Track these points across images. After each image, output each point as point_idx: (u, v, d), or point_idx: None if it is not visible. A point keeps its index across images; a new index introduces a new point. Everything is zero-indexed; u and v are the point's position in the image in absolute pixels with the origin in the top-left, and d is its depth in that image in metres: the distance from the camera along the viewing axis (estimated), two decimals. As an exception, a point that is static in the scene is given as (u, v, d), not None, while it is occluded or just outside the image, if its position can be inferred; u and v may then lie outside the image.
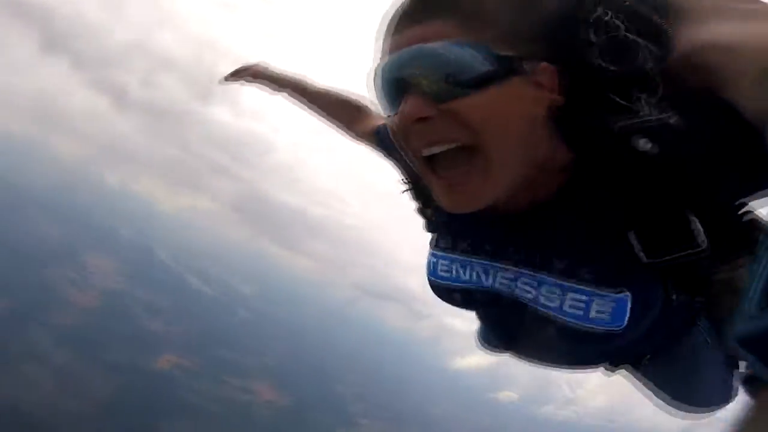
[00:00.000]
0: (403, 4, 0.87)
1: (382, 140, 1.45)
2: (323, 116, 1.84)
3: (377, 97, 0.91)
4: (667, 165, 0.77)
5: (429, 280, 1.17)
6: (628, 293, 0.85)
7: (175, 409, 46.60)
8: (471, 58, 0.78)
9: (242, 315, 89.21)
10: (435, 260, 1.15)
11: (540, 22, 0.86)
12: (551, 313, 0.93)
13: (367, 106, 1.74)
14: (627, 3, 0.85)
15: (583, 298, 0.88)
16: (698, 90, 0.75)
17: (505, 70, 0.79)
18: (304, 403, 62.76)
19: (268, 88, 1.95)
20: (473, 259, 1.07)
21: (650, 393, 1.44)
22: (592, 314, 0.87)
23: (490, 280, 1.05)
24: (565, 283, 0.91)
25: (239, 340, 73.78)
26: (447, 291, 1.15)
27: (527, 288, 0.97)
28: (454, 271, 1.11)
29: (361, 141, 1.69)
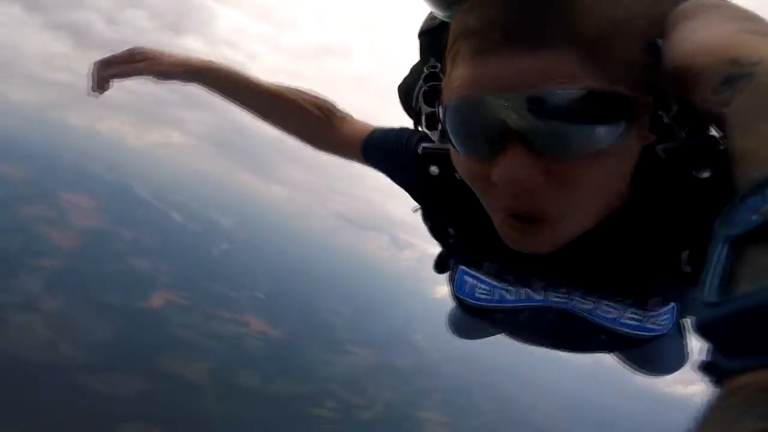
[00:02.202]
0: (504, 9, 0.64)
1: (376, 151, 1.20)
2: (275, 122, 1.34)
3: (452, 129, 0.73)
4: (720, 187, 0.69)
5: (461, 299, 1.13)
6: (674, 304, 0.92)
7: (171, 345, 47.66)
8: (599, 109, 0.63)
9: (225, 248, 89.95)
10: (473, 282, 1.06)
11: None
12: (606, 324, 0.94)
13: (337, 110, 1.31)
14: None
15: (640, 315, 0.92)
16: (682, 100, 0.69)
17: (630, 123, 0.66)
18: (295, 333, 65.09)
19: (174, 79, 1.31)
20: (521, 288, 1.02)
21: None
22: (648, 324, 0.92)
23: (542, 299, 1.01)
24: (624, 306, 0.93)
25: (226, 274, 74.80)
26: (485, 311, 1.10)
27: (584, 304, 0.96)
28: (497, 295, 1.04)
29: (335, 153, 1.32)
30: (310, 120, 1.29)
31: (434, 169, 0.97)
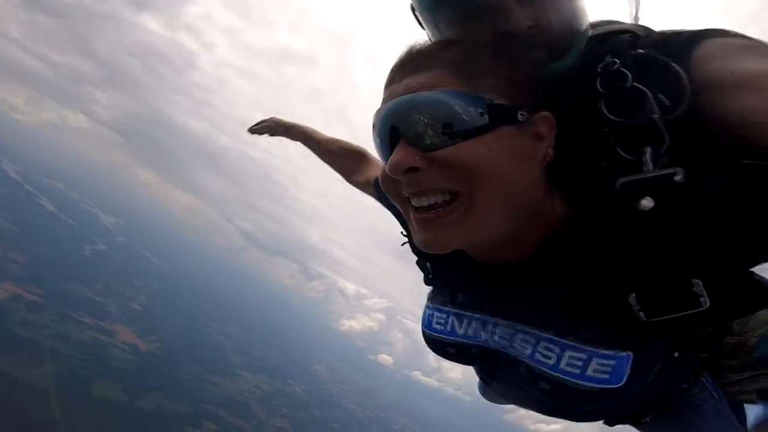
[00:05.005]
0: (401, 55, 0.90)
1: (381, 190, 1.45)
2: (329, 164, 1.91)
3: (374, 145, 0.91)
4: (669, 226, 0.75)
5: (423, 332, 1.16)
6: (629, 353, 0.82)
7: (9, 344, 39.13)
8: (461, 106, 0.78)
9: (100, 249, 78.67)
10: (431, 312, 1.13)
11: (541, 71, 0.89)
12: (545, 369, 0.88)
13: (368, 156, 1.77)
14: (642, 51, 0.87)
15: (582, 356, 0.84)
16: (716, 142, 0.76)
17: (496, 118, 0.79)
18: (172, 350, 57.48)
19: (285, 137, 2.07)
20: (470, 314, 1.05)
21: None
22: (590, 372, 0.83)
23: (487, 335, 1.01)
24: (564, 341, 0.86)
25: (95, 277, 64.84)
26: (440, 344, 1.11)
27: (524, 345, 0.93)
28: (449, 325, 1.08)
29: (361, 189, 1.71)
30: (348, 164, 1.78)
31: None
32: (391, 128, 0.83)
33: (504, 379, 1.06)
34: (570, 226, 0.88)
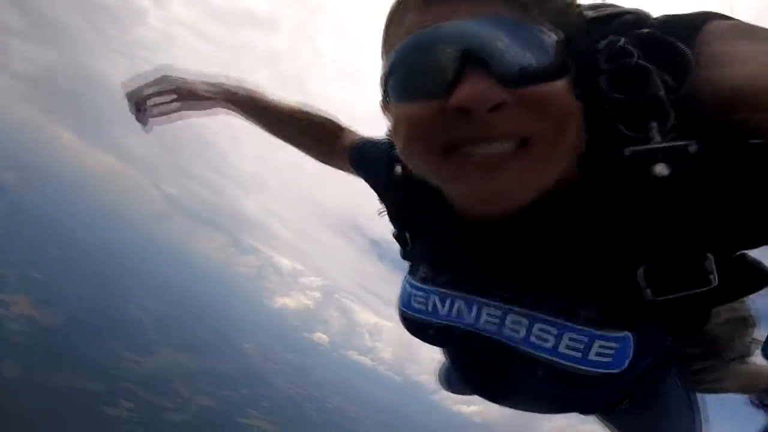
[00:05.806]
0: None
1: (360, 157, 1.27)
2: (277, 134, 1.55)
3: (400, 74, 0.72)
4: (684, 194, 0.72)
5: (400, 311, 1.05)
6: (631, 334, 0.78)
7: None
8: (547, 44, 0.68)
9: None
10: (410, 290, 1.03)
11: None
12: (543, 354, 0.82)
13: (332, 120, 1.47)
14: (647, 30, 0.83)
15: (583, 338, 0.79)
16: (718, 122, 0.74)
17: (568, 64, 0.70)
18: (82, 324, 52.30)
19: (206, 108, 1.56)
20: (455, 293, 0.96)
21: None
22: (592, 356, 0.78)
23: (473, 318, 0.93)
24: (563, 322, 0.80)
25: None
26: (419, 326, 1.01)
27: (516, 327, 0.86)
28: (430, 305, 0.99)
29: (328, 161, 1.50)
30: (318, 141, 1.47)
31: (398, 169, 1.01)
32: (463, 53, 0.64)
33: (488, 366, 0.99)
34: (574, 187, 0.79)
